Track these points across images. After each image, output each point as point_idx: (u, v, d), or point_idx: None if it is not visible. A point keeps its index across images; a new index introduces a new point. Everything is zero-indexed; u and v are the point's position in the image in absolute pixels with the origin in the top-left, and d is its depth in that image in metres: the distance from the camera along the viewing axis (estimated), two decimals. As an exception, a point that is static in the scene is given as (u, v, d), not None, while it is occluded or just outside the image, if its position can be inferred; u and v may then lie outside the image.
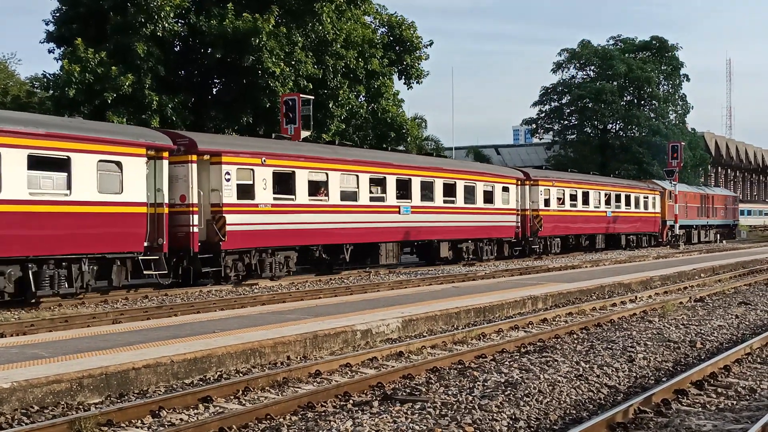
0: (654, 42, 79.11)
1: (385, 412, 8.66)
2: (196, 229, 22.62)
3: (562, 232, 42.19)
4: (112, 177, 20.08)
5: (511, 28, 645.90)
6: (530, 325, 15.62)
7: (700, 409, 8.87)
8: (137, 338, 12.09)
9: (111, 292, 21.41)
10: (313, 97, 33.91)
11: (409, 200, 30.99)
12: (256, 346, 11.60)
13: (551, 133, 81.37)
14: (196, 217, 22.61)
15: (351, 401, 9.29)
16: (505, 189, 37.51)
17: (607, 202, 46.99)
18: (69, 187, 19.07)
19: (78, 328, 14.66)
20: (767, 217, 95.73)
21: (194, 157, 22.72)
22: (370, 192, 29.06)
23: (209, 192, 23.05)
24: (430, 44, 46.33)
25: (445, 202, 33.01)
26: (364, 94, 42.56)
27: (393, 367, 11.32)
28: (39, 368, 9.64)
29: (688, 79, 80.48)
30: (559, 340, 13.65)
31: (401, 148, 43.03)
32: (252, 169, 24.14)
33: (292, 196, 25.56)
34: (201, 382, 10.36)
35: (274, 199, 24.87)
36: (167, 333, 12.61)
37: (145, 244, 20.83)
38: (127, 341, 11.78)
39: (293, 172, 25.65)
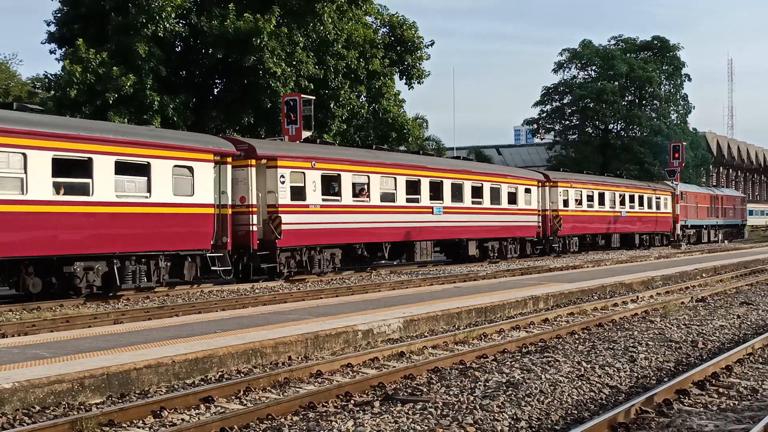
0: (655, 42, 79.08)
1: (386, 412, 8.65)
2: (255, 228, 24.39)
3: (580, 232, 43.78)
4: (185, 181, 22.02)
5: (512, 28, 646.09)
6: (531, 325, 15.61)
7: (701, 409, 8.85)
8: (138, 338, 12.09)
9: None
10: (314, 98, 33.89)
11: (441, 201, 32.62)
12: (257, 346, 11.59)
13: (552, 133, 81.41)
14: (255, 216, 24.42)
15: (352, 401, 9.28)
16: (527, 190, 39.21)
17: (622, 203, 48.39)
18: (149, 190, 21.07)
19: (79, 328, 14.66)
20: (758, 217, 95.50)
21: (253, 162, 24.54)
22: (407, 193, 30.69)
23: (266, 194, 24.81)
24: (431, 44, 46.39)
25: (473, 203, 34.73)
26: (365, 95, 42.59)
27: (394, 367, 11.32)
28: (40, 368, 9.64)
29: (689, 79, 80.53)
30: (560, 340, 13.63)
31: (402, 148, 42.98)
32: (303, 172, 25.88)
33: (338, 198, 27.42)
34: (202, 383, 10.36)
35: (323, 200, 26.63)
36: (168, 333, 12.61)
37: (212, 242, 22.73)
38: (128, 341, 11.78)
39: (339, 175, 27.45)
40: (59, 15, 36.27)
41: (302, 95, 32.88)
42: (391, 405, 8.96)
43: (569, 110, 77.67)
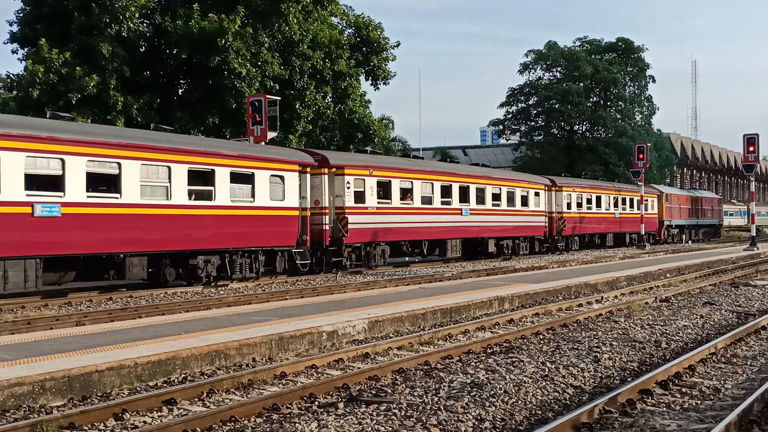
0: (620, 43, 79.74)
1: (350, 413, 8.62)
2: (327, 227, 28.58)
3: (581, 232, 48.77)
4: (278, 187, 26.08)
5: (478, 28, 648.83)
6: (497, 326, 15.64)
7: (664, 408, 8.91)
8: (101, 340, 11.95)
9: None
10: (279, 98, 33.74)
11: (468, 204, 36.86)
12: (221, 347, 11.51)
13: (518, 134, 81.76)
14: (327, 217, 28.62)
15: (316, 403, 9.24)
16: (537, 194, 43.86)
17: (615, 205, 53.50)
18: (253, 196, 25.13)
19: (41, 330, 14.49)
20: (731, 218, 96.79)
21: (326, 170, 28.77)
22: (441, 197, 34.83)
23: (335, 197, 28.90)
24: (397, 45, 46.44)
25: (493, 205, 39.20)
26: (331, 95, 42.52)
27: (359, 368, 11.28)
28: (1, 371, 9.50)
29: (653, 81, 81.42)
30: (525, 340, 13.67)
31: (377, 150, 42.98)
32: (363, 179, 30.09)
33: (389, 201, 31.62)
34: (165, 385, 10.26)
35: (378, 203, 30.87)
36: (131, 335, 12.48)
37: (296, 239, 26.75)
38: (90, 343, 11.64)
39: (390, 181, 31.72)
40: (22, 15, 35.80)
41: (267, 96, 32.72)
42: (356, 406, 8.93)
43: (535, 111, 78.11)
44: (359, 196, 29.75)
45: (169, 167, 22.29)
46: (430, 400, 9.05)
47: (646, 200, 57.04)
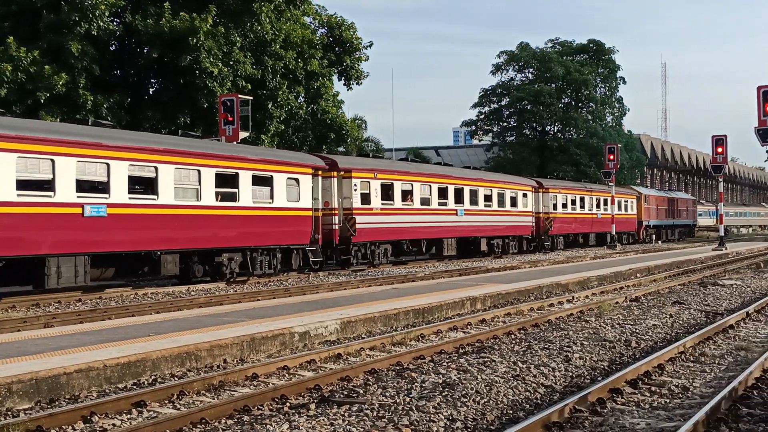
0: (591, 45, 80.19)
1: (322, 414, 8.59)
2: (336, 227, 30.59)
3: (566, 231, 51.41)
4: (294, 189, 27.79)
5: (450, 29, 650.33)
6: (469, 326, 15.67)
7: (634, 407, 8.96)
8: (69, 342, 11.83)
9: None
10: (251, 98, 33.62)
11: (463, 205, 39.07)
12: (191, 349, 11.43)
13: (491, 134, 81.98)
14: (336, 218, 30.64)
15: (288, 404, 9.20)
16: (525, 195, 46.27)
17: (597, 206, 55.95)
18: (271, 197, 26.80)
19: (8, 332, 14.33)
20: (701, 218, 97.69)
21: (335, 174, 30.73)
22: (438, 198, 37.07)
23: (343, 199, 30.92)
24: (370, 45, 46.35)
25: (485, 206, 41.51)
26: (303, 95, 42.36)
27: (331, 369, 11.26)
28: (-35, 374, 9.37)
29: (624, 82, 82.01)
30: (497, 340, 13.71)
31: (342, 150, 42.93)
32: (369, 182, 32.19)
33: (392, 202, 33.63)
34: (135, 387, 10.18)
35: (382, 204, 32.82)
36: (101, 337, 12.37)
37: (310, 238, 28.54)
38: (58, 345, 11.52)
39: (392, 183, 33.81)
40: (-12, 12, 35.36)
41: (239, 95, 32.59)
42: (327, 407, 8.90)
43: (507, 112, 78.35)
44: (365, 198, 31.89)
45: (198, 171, 24.14)
46: (402, 401, 9.05)
47: (626, 201, 60.92)
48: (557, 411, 8.30)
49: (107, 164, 21.22)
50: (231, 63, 35.80)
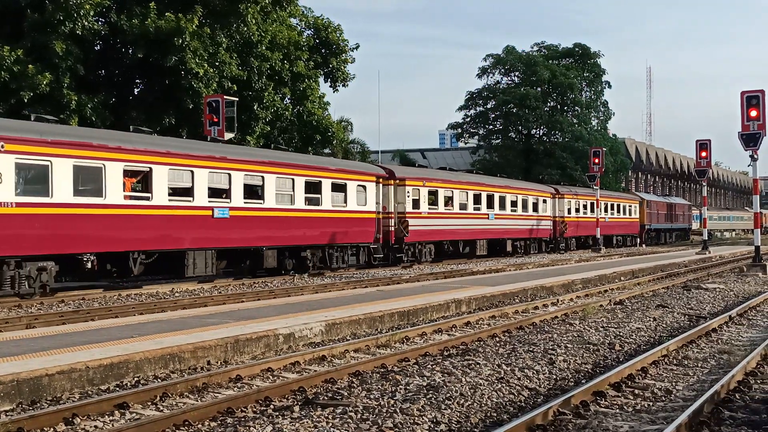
0: (577, 49, 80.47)
1: (306, 416, 8.57)
2: (392, 228, 34.89)
3: (578, 234, 55.72)
4: (362, 195, 32.15)
5: (437, 32, 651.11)
6: (453, 329, 15.66)
7: (617, 410, 8.97)
8: (51, 343, 11.74)
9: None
10: (237, 99, 33.54)
11: (493, 209, 43.65)
12: (175, 351, 11.38)
13: (476, 137, 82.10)
14: (392, 220, 34.94)
15: (272, 406, 9.17)
16: (544, 201, 50.87)
17: (605, 210, 59.90)
18: (345, 202, 31.02)
19: (-10, 333, 14.20)
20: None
21: (392, 182, 35.25)
22: (473, 203, 41.61)
23: (397, 204, 35.19)
24: (356, 47, 46.41)
25: (511, 211, 45.90)
26: (289, 97, 42.33)
27: (315, 371, 11.23)
28: (-54, 375, 9.29)
29: (609, 86, 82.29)
30: (481, 343, 13.71)
31: (327, 154, 42.89)
32: (419, 189, 36.81)
33: (436, 207, 38.14)
34: (117, 388, 10.12)
35: (429, 208, 37.24)
36: (83, 338, 12.29)
37: (374, 238, 32.69)
38: (40, 346, 11.44)
39: (437, 191, 38.49)
40: (-28, 11, 35.11)
41: (225, 96, 32.53)
42: (311, 409, 8.88)
43: (493, 115, 78.49)
44: (415, 203, 36.31)
45: (293, 179, 28.41)
46: (386, 403, 9.03)
47: (630, 206, 65.57)
48: (541, 414, 8.30)
49: (229, 174, 25.68)
50: (217, 64, 35.72)
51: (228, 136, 31.06)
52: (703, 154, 47.33)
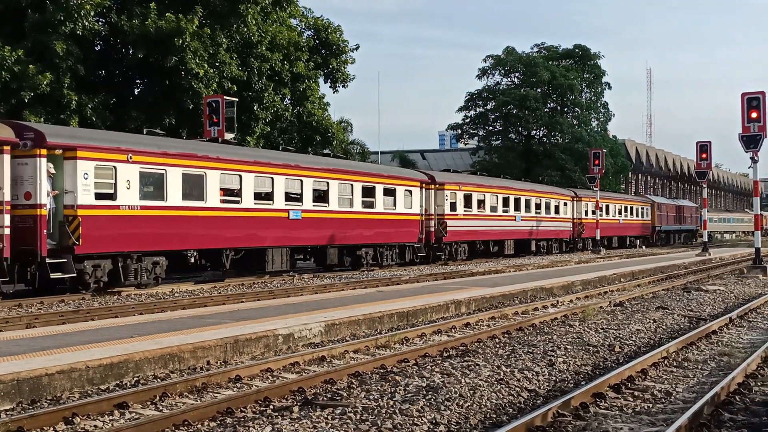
0: (577, 50, 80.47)
1: (305, 417, 8.56)
2: (432, 229, 37.84)
3: (595, 234, 56.95)
4: (408, 199, 35.52)
5: (437, 33, 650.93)
6: (453, 330, 15.66)
7: (617, 412, 8.97)
8: (52, 343, 11.74)
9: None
10: (237, 99, 33.56)
11: (520, 212, 46.94)
12: (175, 351, 11.38)
13: (476, 138, 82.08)
14: (432, 221, 37.92)
15: (271, 407, 9.16)
16: (565, 204, 54.25)
17: (620, 213, 63.83)
18: (395, 205, 34.46)
19: (-10, 333, 14.19)
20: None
21: (433, 186, 38.22)
22: (503, 206, 44.90)
23: (437, 206, 38.25)
24: (356, 48, 46.44)
25: (535, 212, 49.29)
26: (289, 97, 42.35)
27: (315, 371, 11.22)
28: (-54, 375, 9.29)
29: (609, 87, 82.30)
30: (481, 344, 13.70)
31: (327, 152, 42.88)
32: (456, 192, 39.79)
33: (471, 209, 41.28)
34: (117, 388, 10.12)
35: (464, 211, 40.38)
36: (83, 338, 12.29)
37: (417, 237, 36.02)
38: (41, 346, 11.44)
39: (471, 194, 41.56)
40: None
41: (225, 97, 32.56)
42: (311, 410, 8.87)
43: (493, 116, 78.47)
44: (453, 206, 39.25)
45: (352, 185, 31.72)
46: (385, 404, 9.03)
47: (643, 208, 69.67)
48: (540, 415, 8.30)
49: (301, 180, 28.93)
50: (217, 64, 35.74)
51: (228, 136, 31.08)
52: (704, 155, 47.35)
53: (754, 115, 31.21)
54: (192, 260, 24.71)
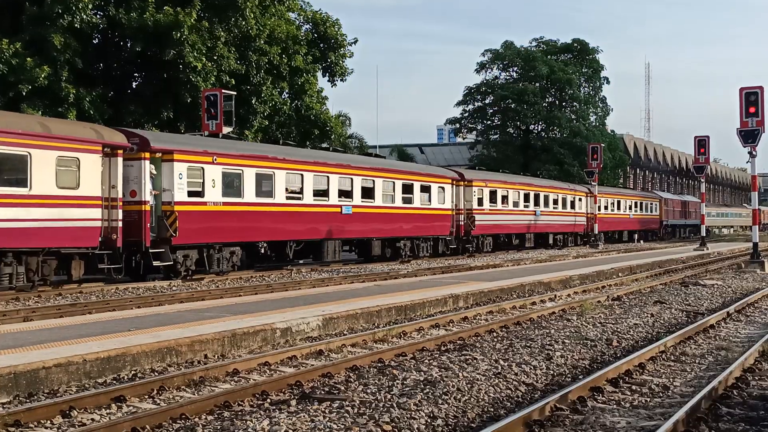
0: (575, 45, 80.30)
1: (302, 411, 8.55)
2: (462, 223, 40.72)
3: (607, 229, 61.27)
4: (441, 195, 38.77)
5: (435, 27, 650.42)
6: (451, 324, 15.66)
7: (614, 406, 8.98)
8: (49, 336, 11.74)
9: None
10: (235, 93, 33.48)
11: (540, 207, 49.60)
12: (172, 344, 11.37)
13: (474, 132, 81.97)
14: (462, 216, 40.74)
15: (268, 400, 9.16)
16: (580, 199, 56.91)
17: (630, 208, 67.04)
18: (429, 201, 37.61)
19: (-13, 326, 14.18)
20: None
21: (461, 183, 41.11)
22: (524, 201, 47.65)
23: (465, 201, 41.06)
24: (355, 42, 46.36)
25: (553, 208, 52.06)
26: (287, 91, 42.30)
27: (312, 365, 11.22)
28: (-57, 368, 9.28)
29: (608, 82, 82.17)
30: (479, 338, 13.71)
31: (325, 148, 42.88)
32: (482, 189, 42.81)
33: (495, 204, 44.11)
34: (114, 382, 10.12)
35: (490, 206, 43.27)
36: (81, 331, 12.28)
37: (449, 231, 38.98)
38: (38, 339, 11.44)
39: (496, 191, 44.36)
40: (-30, 4, 34.99)
41: (223, 90, 32.48)
42: (308, 404, 8.86)
43: (491, 110, 78.33)
44: (480, 201, 42.21)
45: (393, 182, 35.02)
46: (383, 398, 9.02)
47: (651, 204, 72.94)
48: (538, 409, 8.30)
49: (351, 179, 31.97)
50: (215, 58, 35.67)
51: (226, 130, 31.00)
52: (702, 150, 47.38)
53: (752, 110, 31.20)
54: (262, 251, 27.65)
